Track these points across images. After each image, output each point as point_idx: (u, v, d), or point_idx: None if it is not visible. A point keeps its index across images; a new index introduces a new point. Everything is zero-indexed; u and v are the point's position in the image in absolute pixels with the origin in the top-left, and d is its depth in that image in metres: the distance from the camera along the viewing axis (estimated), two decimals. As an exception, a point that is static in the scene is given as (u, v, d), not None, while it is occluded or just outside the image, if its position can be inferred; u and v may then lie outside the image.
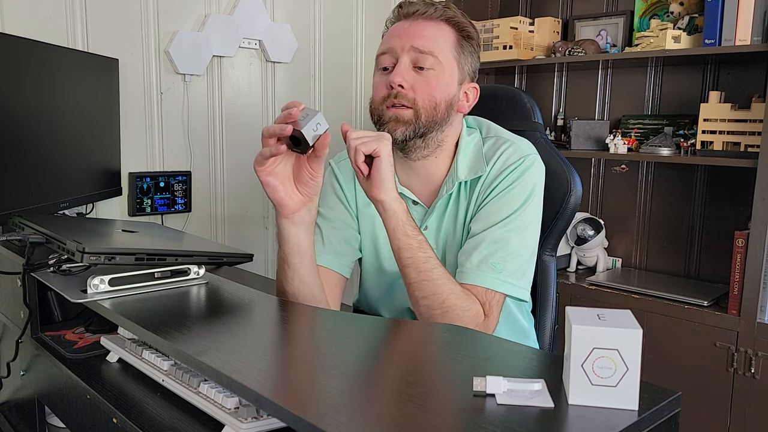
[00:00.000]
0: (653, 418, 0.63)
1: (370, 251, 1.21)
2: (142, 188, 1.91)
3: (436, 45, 1.08)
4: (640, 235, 2.55)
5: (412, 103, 1.07)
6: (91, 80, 1.67)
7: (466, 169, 1.14)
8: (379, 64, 1.12)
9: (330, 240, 1.18)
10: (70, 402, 1.03)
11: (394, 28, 1.12)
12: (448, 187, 1.14)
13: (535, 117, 1.55)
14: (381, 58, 1.11)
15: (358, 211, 1.21)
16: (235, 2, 2.05)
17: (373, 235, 1.20)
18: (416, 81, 1.08)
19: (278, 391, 0.67)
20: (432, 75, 1.08)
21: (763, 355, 1.95)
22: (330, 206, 1.22)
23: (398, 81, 1.06)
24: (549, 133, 2.72)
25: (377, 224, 1.18)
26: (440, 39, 1.09)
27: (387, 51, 1.10)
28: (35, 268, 1.12)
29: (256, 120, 2.19)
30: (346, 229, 1.20)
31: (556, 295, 1.49)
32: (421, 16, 1.09)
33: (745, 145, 2.06)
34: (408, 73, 1.07)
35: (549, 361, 0.79)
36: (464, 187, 1.15)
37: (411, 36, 1.08)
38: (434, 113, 1.09)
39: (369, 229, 1.21)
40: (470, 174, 1.14)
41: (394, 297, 1.22)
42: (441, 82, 1.09)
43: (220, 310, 0.98)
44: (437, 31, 1.09)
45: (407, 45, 1.07)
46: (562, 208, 1.44)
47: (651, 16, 2.43)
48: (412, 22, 1.09)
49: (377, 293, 1.25)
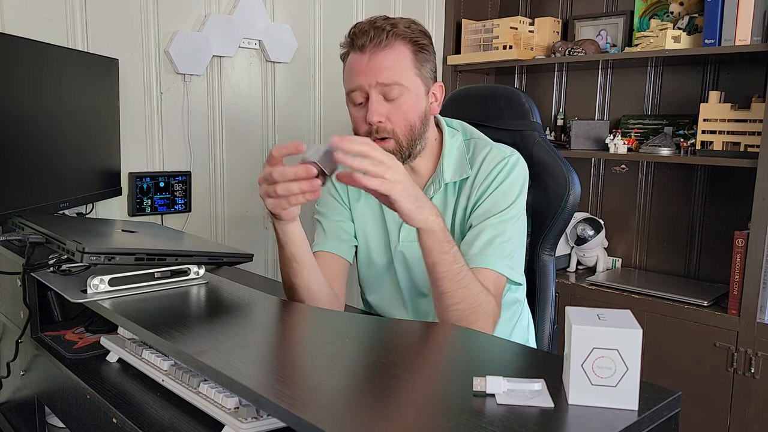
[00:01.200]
0: (653, 418, 0.63)
1: (362, 243, 1.30)
2: (142, 188, 1.91)
3: (398, 72, 1.13)
4: (639, 235, 2.55)
5: (391, 134, 1.14)
6: (91, 80, 1.67)
7: (451, 171, 1.21)
8: (351, 99, 1.17)
9: (331, 230, 1.28)
10: (70, 402, 1.03)
11: (355, 64, 1.15)
12: (435, 188, 1.21)
13: (534, 117, 1.55)
14: (352, 95, 1.16)
15: (351, 205, 1.30)
16: (235, 2, 2.05)
17: (363, 229, 1.29)
18: (390, 112, 1.13)
19: (278, 391, 0.67)
20: (402, 101, 1.13)
21: (763, 355, 1.95)
22: (327, 206, 1.30)
23: (376, 119, 1.12)
24: (549, 133, 2.72)
25: (366, 219, 1.28)
26: (399, 64, 1.13)
27: (356, 88, 1.14)
28: (35, 268, 1.12)
29: (256, 120, 2.19)
30: (344, 221, 1.29)
31: (555, 295, 1.49)
32: (377, 47, 1.12)
33: (745, 145, 2.06)
34: (381, 107, 1.13)
35: (549, 361, 0.79)
36: (451, 187, 1.22)
37: (373, 72, 1.12)
38: (412, 134, 1.16)
39: (360, 223, 1.29)
40: (455, 176, 1.21)
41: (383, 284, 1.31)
42: (411, 103, 1.14)
43: (220, 310, 0.98)
44: (395, 57, 1.13)
45: (372, 81, 1.12)
46: (560, 208, 1.44)
47: (651, 16, 2.43)
48: (370, 56, 1.12)
49: (369, 281, 1.33)
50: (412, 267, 1.24)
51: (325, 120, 2.37)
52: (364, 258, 1.31)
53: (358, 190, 1.26)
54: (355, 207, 1.29)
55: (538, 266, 1.47)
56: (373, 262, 1.29)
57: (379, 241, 1.28)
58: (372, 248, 1.29)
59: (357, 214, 1.29)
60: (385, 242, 1.27)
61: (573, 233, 2.49)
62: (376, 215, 1.27)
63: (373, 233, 1.28)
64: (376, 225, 1.28)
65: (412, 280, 1.26)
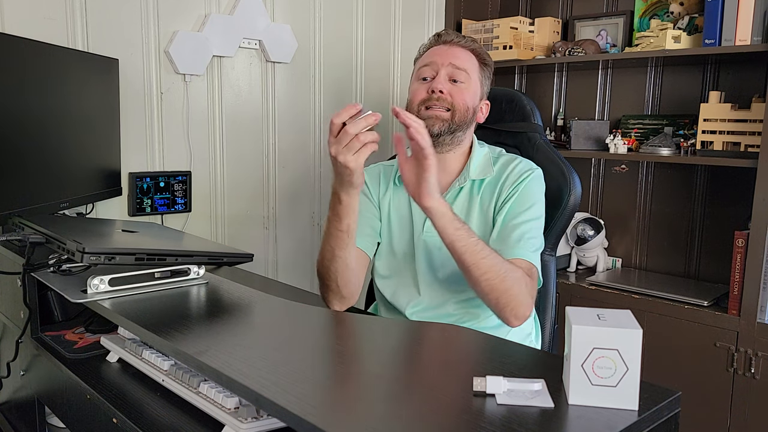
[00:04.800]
0: (653, 418, 0.63)
1: (385, 234, 1.42)
2: (142, 188, 1.91)
3: (469, 65, 1.37)
4: (640, 235, 2.55)
5: (449, 106, 1.33)
6: (91, 80, 1.67)
7: (477, 170, 1.38)
8: (420, 74, 1.37)
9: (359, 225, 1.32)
10: (70, 402, 1.03)
11: (435, 49, 1.39)
12: (461, 182, 1.37)
13: (535, 119, 1.55)
14: (422, 69, 1.37)
15: (379, 200, 1.44)
16: (235, 2, 2.05)
17: (387, 222, 1.42)
18: (452, 89, 1.34)
19: (278, 391, 0.67)
20: (464, 86, 1.35)
21: (763, 355, 1.95)
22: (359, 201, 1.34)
23: (440, 87, 1.32)
24: (549, 133, 2.72)
25: (392, 213, 1.42)
26: (470, 62, 1.37)
27: (429, 64, 1.36)
28: (35, 268, 1.12)
29: (256, 120, 2.19)
30: (371, 218, 1.41)
31: (556, 295, 1.49)
32: (457, 44, 1.38)
33: (745, 145, 2.06)
34: (447, 82, 1.34)
35: (549, 361, 0.79)
36: (477, 185, 1.37)
37: (449, 56, 1.36)
38: (465, 115, 1.34)
39: (385, 216, 1.43)
40: (480, 174, 1.37)
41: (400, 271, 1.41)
42: (471, 92, 1.36)
43: (220, 310, 0.98)
44: (468, 56, 1.38)
45: (446, 62, 1.35)
46: (561, 208, 1.44)
47: (651, 16, 2.43)
48: (449, 47, 1.38)
49: (384, 268, 1.43)
50: (432, 252, 1.36)
51: (325, 120, 2.37)
52: (386, 248, 1.42)
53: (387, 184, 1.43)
54: (383, 201, 1.43)
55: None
56: (394, 252, 1.41)
57: (402, 232, 1.40)
58: (395, 240, 1.41)
59: (383, 208, 1.42)
60: (408, 233, 1.39)
61: (573, 233, 2.49)
62: (404, 207, 1.40)
63: (398, 225, 1.41)
64: (402, 218, 1.40)
65: (430, 263, 1.37)
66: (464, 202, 1.38)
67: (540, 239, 1.31)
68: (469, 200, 1.37)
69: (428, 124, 1.27)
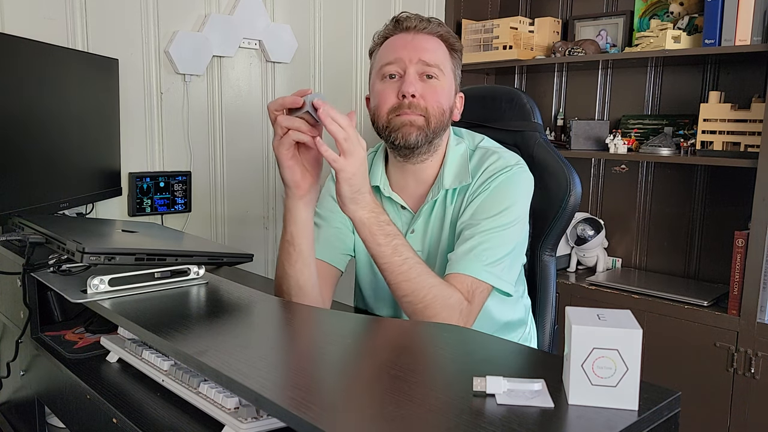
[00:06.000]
0: (653, 418, 0.63)
1: (360, 246, 1.27)
2: (142, 188, 1.91)
3: (440, 58, 1.16)
4: (640, 235, 2.55)
5: (423, 112, 1.14)
6: (91, 80, 1.67)
7: (451, 178, 1.20)
8: (384, 72, 1.17)
9: (326, 236, 1.25)
10: (70, 402, 1.03)
11: (397, 40, 1.17)
12: (434, 194, 1.21)
13: (535, 117, 1.55)
14: (387, 67, 1.16)
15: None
16: (235, 2, 2.05)
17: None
18: (425, 90, 1.14)
19: (278, 391, 0.67)
20: (437, 84, 1.16)
21: (763, 355, 1.95)
22: (328, 209, 1.28)
23: (412, 91, 1.12)
24: (549, 133, 2.72)
25: None
26: (440, 52, 1.17)
27: (394, 61, 1.15)
28: (35, 268, 1.12)
29: (256, 120, 2.19)
30: (341, 228, 1.26)
31: (556, 295, 1.49)
32: (422, 31, 1.17)
33: (745, 145, 2.06)
34: (418, 82, 1.14)
35: (549, 361, 0.79)
36: (450, 194, 1.21)
37: (417, 49, 1.15)
38: (441, 119, 1.16)
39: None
40: (455, 183, 1.20)
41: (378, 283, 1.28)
42: (445, 90, 1.17)
43: (220, 310, 0.98)
44: (437, 45, 1.17)
45: (414, 57, 1.14)
46: (561, 208, 1.44)
47: (651, 16, 2.43)
48: (414, 35, 1.16)
49: (370, 289, 1.31)
50: None
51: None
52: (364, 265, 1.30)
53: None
54: None
55: (538, 266, 1.47)
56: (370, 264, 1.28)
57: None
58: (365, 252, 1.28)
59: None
60: None
61: (573, 233, 2.49)
62: None
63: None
64: None
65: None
66: (439, 215, 1.22)
67: (504, 249, 1.12)
68: (443, 212, 1.22)
69: (402, 133, 1.14)
